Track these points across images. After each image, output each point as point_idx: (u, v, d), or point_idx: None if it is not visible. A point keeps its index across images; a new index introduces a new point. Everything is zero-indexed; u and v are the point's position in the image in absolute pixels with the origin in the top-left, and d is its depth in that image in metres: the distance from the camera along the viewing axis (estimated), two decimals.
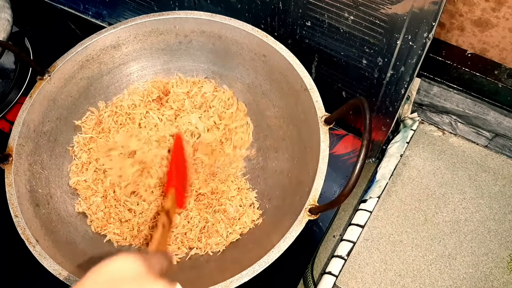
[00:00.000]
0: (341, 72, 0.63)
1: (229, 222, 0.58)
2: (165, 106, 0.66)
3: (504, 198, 0.66)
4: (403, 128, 0.74)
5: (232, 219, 0.58)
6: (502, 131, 0.68)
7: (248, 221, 0.58)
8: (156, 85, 0.67)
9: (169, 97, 0.66)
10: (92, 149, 0.63)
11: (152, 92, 0.66)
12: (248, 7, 0.62)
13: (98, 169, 0.62)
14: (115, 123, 0.64)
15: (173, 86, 0.67)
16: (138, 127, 0.64)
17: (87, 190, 0.61)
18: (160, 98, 0.66)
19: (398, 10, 0.49)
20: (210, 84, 0.67)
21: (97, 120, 0.65)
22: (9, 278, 0.62)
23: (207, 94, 0.66)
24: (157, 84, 0.67)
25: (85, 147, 0.63)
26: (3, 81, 0.76)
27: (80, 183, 0.61)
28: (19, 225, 0.50)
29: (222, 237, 0.57)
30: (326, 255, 0.69)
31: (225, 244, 0.57)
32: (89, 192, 0.60)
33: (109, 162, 0.61)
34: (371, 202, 0.67)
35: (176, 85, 0.67)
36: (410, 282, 0.61)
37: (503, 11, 0.55)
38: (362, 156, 0.40)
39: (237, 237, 0.57)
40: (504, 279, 0.61)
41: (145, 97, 0.66)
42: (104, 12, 0.82)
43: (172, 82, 0.67)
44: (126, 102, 0.66)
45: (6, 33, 0.67)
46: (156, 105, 0.65)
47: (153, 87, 0.66)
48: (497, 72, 0.61)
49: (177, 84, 0.67)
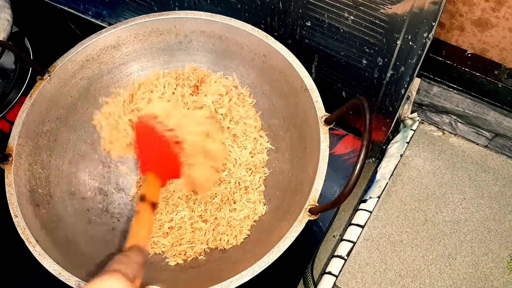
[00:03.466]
0: (341, 72, 0.63)
1: (239, 223, 0.58)
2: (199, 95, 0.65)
3: (504, 198, 0.66)
4: (403, 128, 0.74)
5: (240, 220, 0.58)
6: (502, 131, 0.68)
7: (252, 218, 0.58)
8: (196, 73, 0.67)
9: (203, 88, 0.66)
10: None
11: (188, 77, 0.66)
12: (248, 7, 0.62)
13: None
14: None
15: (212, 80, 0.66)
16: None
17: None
18: (196, 86, 0.66)
19: (398, 10, 0.49)
20: (248, 101, 0.66)
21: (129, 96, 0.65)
22: (9, 278, 0.62)
23: (235, 106, 0.65)
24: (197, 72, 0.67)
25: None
26: (3, 81, 0.76)
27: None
28: (19, 225, 0.50)
29: (234, 237, 0.57)
30: (326, 255, 0.69)
31: (235, 243, 0.57)
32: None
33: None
34: (371, 202, 0.67)
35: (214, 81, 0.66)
36: (410, 282, 0.61)
37: (503, 11, 0.55)
38: (362, 156, 0.40)
39: (243, 238, 0.57)
40: (504, 279, 0.61)
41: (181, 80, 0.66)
42: (104, 12, 0.82)
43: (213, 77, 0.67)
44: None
45: (6, 33, 0.67)
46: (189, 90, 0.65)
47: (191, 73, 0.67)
48: (497, 72, 0.61)
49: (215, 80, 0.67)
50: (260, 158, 0.62)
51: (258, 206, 0.59)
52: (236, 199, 0.60)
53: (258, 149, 0.62)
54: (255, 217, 0.58)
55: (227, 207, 0.59)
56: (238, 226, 0.58)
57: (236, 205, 0.59)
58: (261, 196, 0.60)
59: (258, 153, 0.62)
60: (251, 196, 0.60)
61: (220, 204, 0.60)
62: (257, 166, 0.62)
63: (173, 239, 0.58)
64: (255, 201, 0.59)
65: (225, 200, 0.60)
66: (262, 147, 0.63)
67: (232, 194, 0.60)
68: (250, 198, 0.59)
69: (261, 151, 0.62)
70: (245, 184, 0.61)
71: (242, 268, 0.47)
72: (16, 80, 0.76)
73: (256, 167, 0.61)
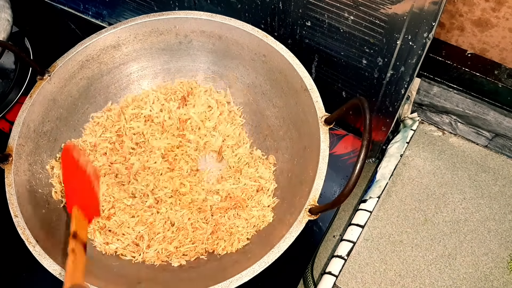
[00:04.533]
0: (341, 72, 0.63)
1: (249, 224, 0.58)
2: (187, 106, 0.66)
3: (504, 198, 0.66)
4: (403, 128, 0.74)
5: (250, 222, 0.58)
6: (502, 131, 0.68)
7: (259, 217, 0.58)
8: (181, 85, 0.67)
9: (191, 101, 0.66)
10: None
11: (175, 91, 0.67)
12: (248, 7, 0.62)
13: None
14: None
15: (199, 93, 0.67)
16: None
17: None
18: (184, 98, 0.66)
19: (398, 10, 0.49)
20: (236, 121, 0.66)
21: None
22: (9, 278, 0.62)
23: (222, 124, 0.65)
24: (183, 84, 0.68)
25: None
26: (3, 81, 0.76)
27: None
28: (19, 225, 0.50)
29: (242, 236, 0.57)
30: (326, 255, 0.69)
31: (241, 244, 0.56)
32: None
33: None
34: (371, 202, 0.67)
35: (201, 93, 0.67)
36: (410, 282, 0.61)
37: (503, 11, 0.55)
38: (362, 156, 0.40)
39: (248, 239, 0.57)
40: (504, 279, 0.61)
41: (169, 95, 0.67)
42: (104, 12, 0.82)
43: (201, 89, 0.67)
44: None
45: (6, 33, 0.67)
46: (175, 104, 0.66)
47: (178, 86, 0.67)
48: (497, 72, 0.61)
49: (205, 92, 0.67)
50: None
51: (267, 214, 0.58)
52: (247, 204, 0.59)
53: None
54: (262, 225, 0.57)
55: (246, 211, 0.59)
56: (239, 233, 0.57)
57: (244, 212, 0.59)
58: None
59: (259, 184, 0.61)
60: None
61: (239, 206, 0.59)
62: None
63: (178, 243, 0.58)
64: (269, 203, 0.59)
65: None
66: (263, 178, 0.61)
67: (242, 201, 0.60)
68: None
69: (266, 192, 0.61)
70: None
71: (242, 268, 0.47)
72: (16, 80, 0.76)
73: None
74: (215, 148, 0.64)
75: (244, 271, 0.46)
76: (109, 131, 0.64)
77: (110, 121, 0.65)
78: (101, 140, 0.64)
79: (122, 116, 0.65)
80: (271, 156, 0.62)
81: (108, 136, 0.64)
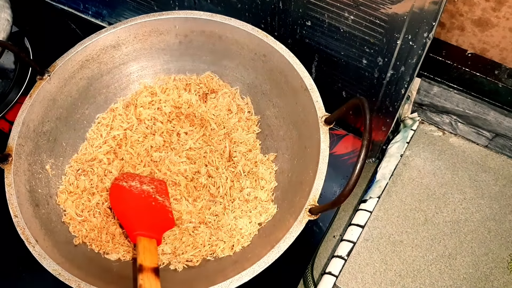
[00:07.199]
0: (341, 72, 0.63)
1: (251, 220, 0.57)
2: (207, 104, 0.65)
3: (504, 198, 0.66)
4: (403, 128, 0.74)
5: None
6: (503, 131, 0.68)
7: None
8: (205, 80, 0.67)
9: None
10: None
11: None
12: (248, 7, 0.62)
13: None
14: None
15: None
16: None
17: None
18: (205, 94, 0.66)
19: (398, 10, 0.49)
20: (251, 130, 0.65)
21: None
22: (9, 278, 0.62)
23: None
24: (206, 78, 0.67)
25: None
26: (3, 81, 0.76)
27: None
28: (19, 225, 0.50)
29: (244, 235, 0.56)
30: (326, 255, 0.69)
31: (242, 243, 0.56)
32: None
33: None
34: (371, 202, 0.67)
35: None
36: (410, 282, 0.61)
37: (503, 11, 0.55)
38: (362, 156, 0.40)
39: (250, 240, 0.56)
40: (504, 279, 0.61)
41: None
42: (104, 12, 0.82)
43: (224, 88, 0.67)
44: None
45: (6, 33, 0.67)
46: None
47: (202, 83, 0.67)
48: (497, 72, 0.61)
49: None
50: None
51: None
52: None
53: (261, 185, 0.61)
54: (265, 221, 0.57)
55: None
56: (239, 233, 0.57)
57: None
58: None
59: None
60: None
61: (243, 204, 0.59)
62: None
63: (176, 248, 0.57)
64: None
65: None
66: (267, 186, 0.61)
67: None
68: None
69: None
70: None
71: (242, 268, 0.47)
72: (16, 80, 0.76)
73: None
74: (225, 155, 0.63)
75: (244, 271, 0.46)
76: (115, 129, 0.64)
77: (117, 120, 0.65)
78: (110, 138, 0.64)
79: (131, 107, 0.65)
80: (271, 156, 0.62)
81: (115, 134, 0.64)
